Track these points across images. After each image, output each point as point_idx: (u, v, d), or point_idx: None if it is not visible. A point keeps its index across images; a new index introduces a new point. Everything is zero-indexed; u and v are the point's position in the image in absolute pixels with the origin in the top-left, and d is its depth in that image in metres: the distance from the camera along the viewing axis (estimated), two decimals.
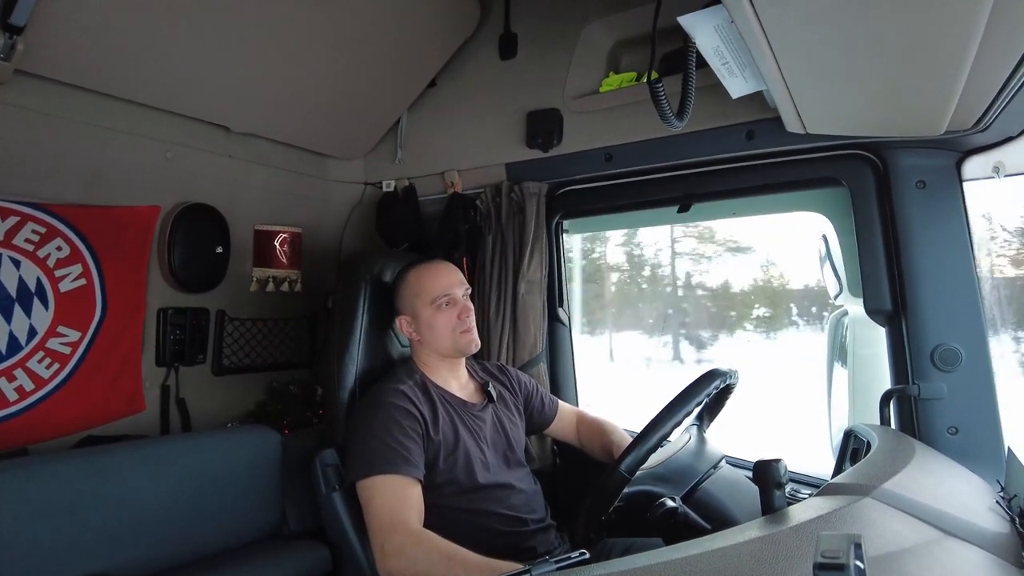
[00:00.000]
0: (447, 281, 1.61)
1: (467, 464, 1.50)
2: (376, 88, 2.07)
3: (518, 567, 0.92)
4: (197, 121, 1.93)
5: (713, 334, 3.63)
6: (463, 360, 1.69)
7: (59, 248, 1.74)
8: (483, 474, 1.51)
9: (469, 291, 1.67)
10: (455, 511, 1.47)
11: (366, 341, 1.68)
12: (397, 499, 1.37)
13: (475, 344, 1.62)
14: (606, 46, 1.94)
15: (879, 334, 1.63)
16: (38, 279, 1.71)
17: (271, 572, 1.57)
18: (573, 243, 2.50)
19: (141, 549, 1.46)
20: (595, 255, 3.39)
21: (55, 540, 1.34)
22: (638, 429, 1.34)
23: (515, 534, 1.49)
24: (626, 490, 1.31)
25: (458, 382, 1.66)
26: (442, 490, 1.47)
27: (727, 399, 1.63)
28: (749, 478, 1.05)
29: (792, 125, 1.40)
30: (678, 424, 1.34)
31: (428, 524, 1.36)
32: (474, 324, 1.62)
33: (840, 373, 1.95)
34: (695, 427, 1.65)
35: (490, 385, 1.69)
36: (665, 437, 1.33)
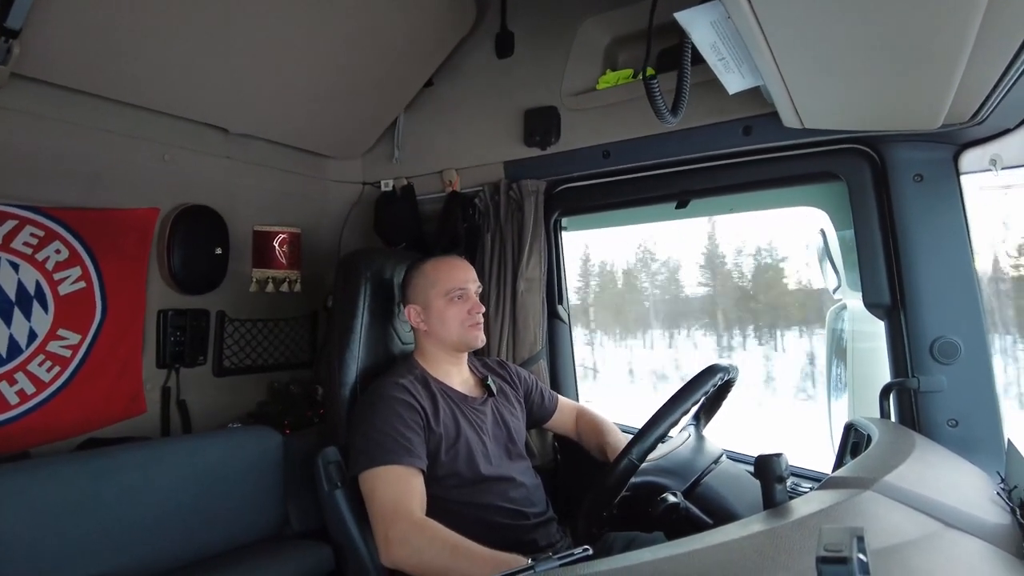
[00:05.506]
0: (463, 276, 1.66)
1: (469, 456, 1.50)
2: (373, 88, 2.06)
3: (522, 561, 0.92)
4: (195, 123, 1.93)
5: None
6: (465, 355, 1.70)
7: (58, 251, 1.74)
8: (485, 466, 1.52)
9: (480, 289, 1.70)
10: (456, 504, 1.47)
11: (366, 339, 1.68)
12: (400, 488, 1.37)
13: (481, 339, 1.65)
14: (602, 43, 1.94)
15: (878, 328, 1.63)
16: (37, 282, 1.71)
17: (274, 572, 1.58)
18: None
19: (143, 551, 1.47)
20: None
21: (57, 543, 1.34)
22: (636, 426, 1.34)
23: (515, 528, 1.49)
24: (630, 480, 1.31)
25: (459, 376, 1.67)
26: (444, 482, 1.48)
27: (727, 395, 1.64)
28: (750, 473, 1.05)
29: (789, 120, 1.40)
30: (685, 412, 1.35)
31: (429, 516, 1.36)
32: (482, 321, 1.66)
33: (839, 367, 1.96)
34: (693, 425, 1.66)
35: (489, 379, 1.70)
36: (672, 427, 1.33)
